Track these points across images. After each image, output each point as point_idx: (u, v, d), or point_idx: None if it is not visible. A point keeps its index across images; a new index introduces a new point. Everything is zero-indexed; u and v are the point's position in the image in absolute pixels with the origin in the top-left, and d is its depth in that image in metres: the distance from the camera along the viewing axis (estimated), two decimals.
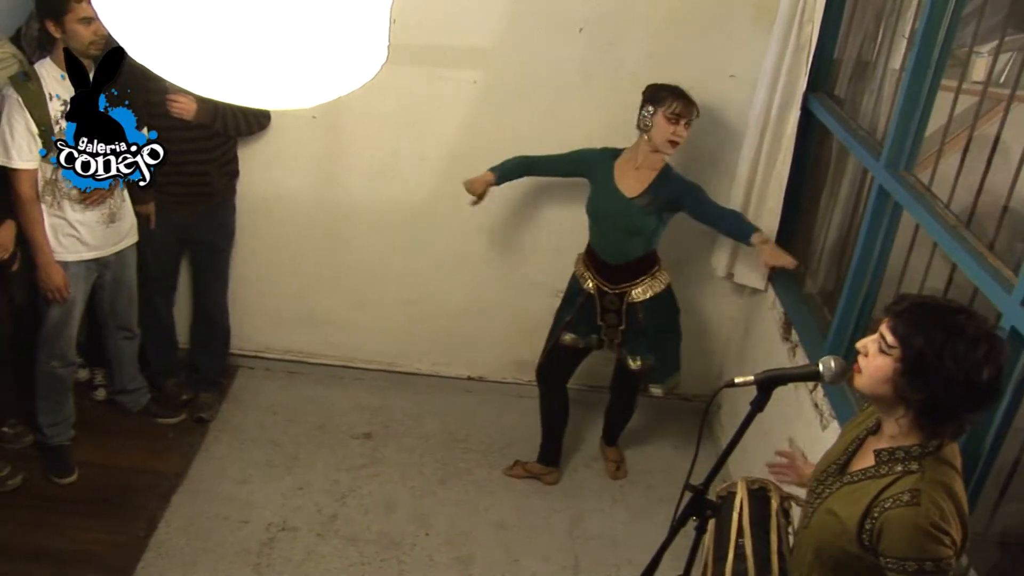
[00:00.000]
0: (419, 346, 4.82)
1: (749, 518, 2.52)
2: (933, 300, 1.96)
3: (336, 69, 1.20)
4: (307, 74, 1.17)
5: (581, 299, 3.94)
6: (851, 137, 3.44)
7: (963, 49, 3.10)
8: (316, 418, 4.58)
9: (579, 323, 3.98)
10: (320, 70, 1.18)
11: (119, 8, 1.11)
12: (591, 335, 4.00)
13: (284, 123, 4.25)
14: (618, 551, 3.93)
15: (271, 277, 4.65)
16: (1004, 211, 2.50)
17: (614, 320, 3.92)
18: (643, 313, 3.87)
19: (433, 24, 4.04)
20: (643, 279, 3.85)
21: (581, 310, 3.95)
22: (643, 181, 3.74)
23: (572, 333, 4.00)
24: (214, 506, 3.94)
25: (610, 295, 3.87)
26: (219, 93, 1.16)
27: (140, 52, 1.13)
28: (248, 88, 1.16)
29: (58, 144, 3.41)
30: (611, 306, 3.90)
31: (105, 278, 3.87)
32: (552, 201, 4.36)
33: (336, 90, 1.23)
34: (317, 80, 1.19)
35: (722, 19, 3.99)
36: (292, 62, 1.15)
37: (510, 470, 4.33)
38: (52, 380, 3.86)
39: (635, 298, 3.86)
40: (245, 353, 4.86)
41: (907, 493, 1.89)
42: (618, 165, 3.79)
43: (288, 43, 1.12)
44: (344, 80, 1.22)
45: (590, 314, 3.95)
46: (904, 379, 1.89)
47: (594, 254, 3.91)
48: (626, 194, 3.74)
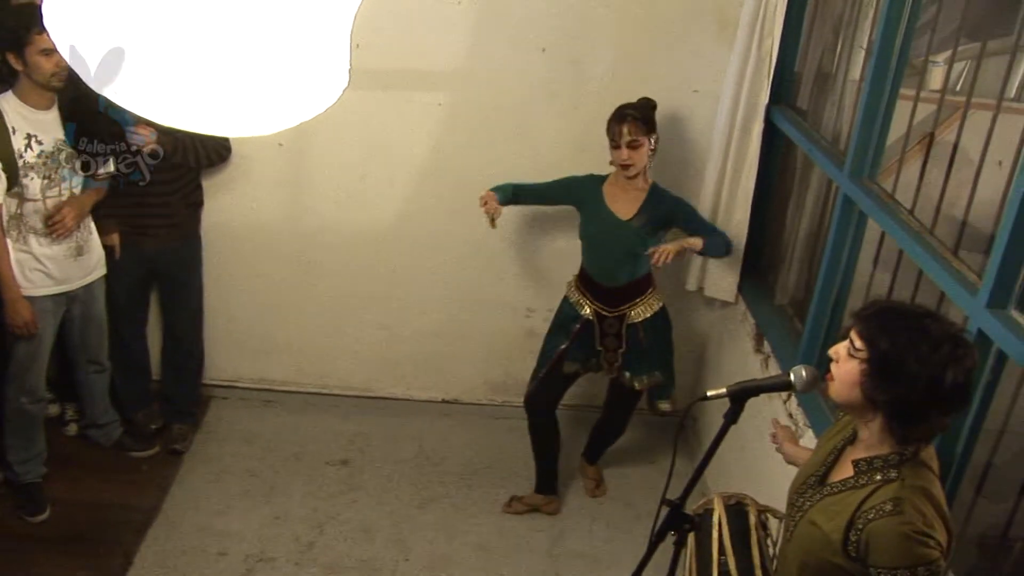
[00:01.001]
0: (393, 370, 4.81)
1: (729, 535, 2.52)
2: (900, 305, 1.99)
3: (297, 95, 1.20)
4: (268, 101, 1.17)
5: (578, 326, 3.90)
6: (814, 148, 3.48)
7: (921, 59, 3.16)
8: (292, 446, 4.55)
9: (578, 350, 3.94)
10: (281, 96, 1.18)
11: (75, 38, 1.10)
12: (590, 360, 3.98)
13: (250, 151, 4.24)
14: (599, 568, 3.93)
15: (242, 306, 4.62)
16: (966, 215, 2.53)
17: (614, 343, 3.90)
18: (643, 332, 3.86)
19: (397, 48, 4.05)
20: (641, 299, 3.85)
21: (579, 337, 3.92)
22: (635, 202, 3.74)
23: (572, 361, 3.96)
24: (191, 538, 3.90)
25: (609, 318, 3.86)
26: (180, 122, 1.16)
27: (98, 83, 1.12)
28: (209, 116, 1.16)
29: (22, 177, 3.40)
30: (610, 329, 3.88)
31: (74, 312, 3.84)
32: (522, 221, 4.37)
33: (298, 116, 1.23)
34: (279, 106, 1.19)
35: (685, 35, 4.03)
36: (252, 89, 1.15)
37: (508, 507, 4.25)
38: (22, 417, 3.80)
39: (634, 318, 3.85)
40: (218, 383, 4.82)
41: (889, 503, 1.90)
42: (607, 189, 3.79)
43: (248, 70, 1.12)
44: (306, 106, 1.22)
45: (589, 339, 3.92)
46: (871, 381, 1.91)
47: (590, 279, 3.88)
48: (621, 217, 3.74)
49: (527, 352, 4.54)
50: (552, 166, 3.97)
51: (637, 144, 3.63)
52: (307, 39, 1.16)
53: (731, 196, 4.04)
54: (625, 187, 3.75)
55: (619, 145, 3.63)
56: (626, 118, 3.62)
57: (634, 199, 3.75)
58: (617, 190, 3.77)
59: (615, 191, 3.78)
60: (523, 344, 4.60)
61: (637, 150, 3.64)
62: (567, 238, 4.15)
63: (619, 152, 3.65)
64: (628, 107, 3.67)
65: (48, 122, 3.49)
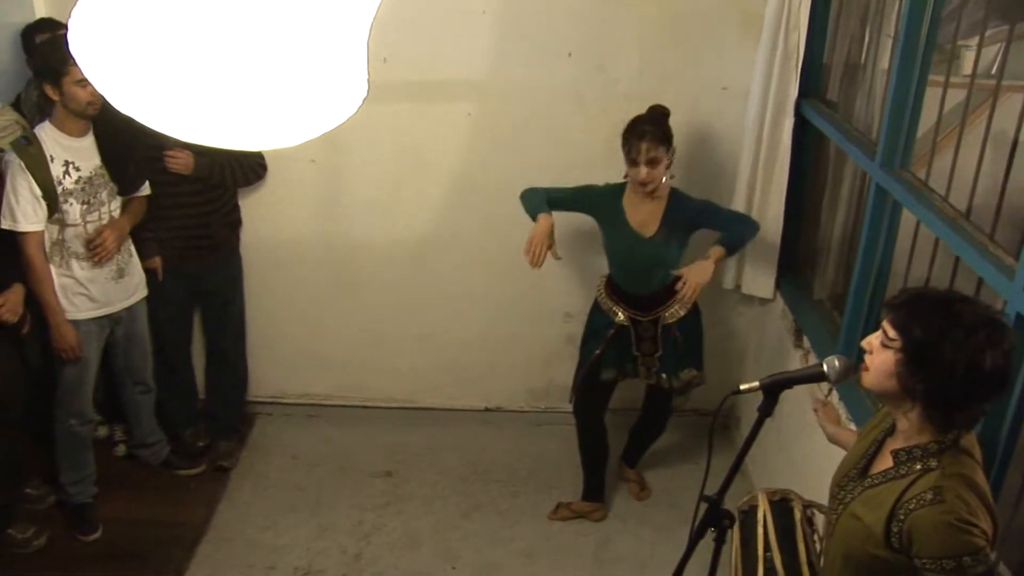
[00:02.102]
0: (434, 380, 4.83)
1: (774, 531, 2.50)
2: (932, 291, 1.96)
3: (317, 106, 1.22)
4: (289, 112, 1.19)
5: (612, 331, 3.85)
6: (846, 139, 3.45)
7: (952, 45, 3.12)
8: (336, 460, 4.59)
9: (614, 356, 3.89)
10: (301, 108, 1.20)
11: (99, 61, 1.13)
12: (626, 365, 3.93)
13: (284, 169, 4.29)
14: (647, 572, 3.91)
15: (282, 322, 4.68)
16: (1001, 199, 2.49)
17: (650, 348, 3.85)
18: (679, 332, 3.81)
19: (424, 61, 4.09)
20: (673, 298, 3.75)
21: (615, 342, 3.86)
22: (655, 215, 3.68)
23: (610, 368, 3.92)
24: (240, 554, 3.95)
25: (644, 323, 3.82)
26: (202, 138, 1.17)
27: (123, 103, 1.15)
28: (231, 131, 1.18)
29: (62, 204, 3.48)
30: (646, 334, 3.83)
31: (118, 334, 3.90)
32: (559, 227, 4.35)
33: (319, 127, 1.24)
34: (299, 118, 1.21)
35: (710, 33, 4.02)
36: (272, 101, 1.16)
37: (554, 514, 4.23)
38: (72, 439, 3.88)
39: (669, 319, 3.78)
40: (262, 400, 4.88)
41: (930, 492, 1.87)
42: (627, 202, 3.72)
43: (266, 82, 1.14)
44: (327, 116, 1.24)
45: (625, 345, 3.87)
46: (906, 370, 1.88)
47: (619, 288, 3.85)
48: (643, 234, 3.68)
49: (567, 357, 4.54)
50: (583, 171, 3.97)
51: (657, 161, 3.54)
52: (324, 49, 1.17)
53: (764, 192, 4.01)
54: (645, 199, 3.67)
55: (637, 163, 3.55)
56: (645, 135, 3.51)
57: (655, 211, 3.68)
58: (637, 202, 3.70)
59: (635, 204, 3.70)
60: (562, 350, 4.60)
61: (656, 167, 3.55)
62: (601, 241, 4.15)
63: (638, 170, 3.55)
64: (643, 121, 3.57)
65: (85, 149, 3.57)
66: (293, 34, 1.13)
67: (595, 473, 4.21)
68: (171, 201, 3.97)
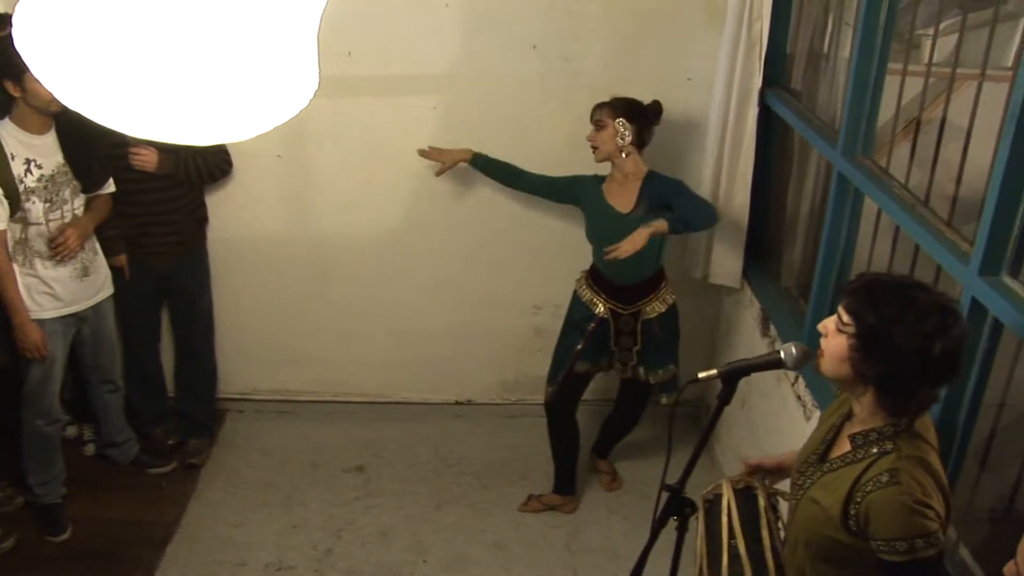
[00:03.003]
0: (406, 375, 4.83)
1: (739, 518, 2.52)
2: (887, 277, 1.98)
3: (268, 99, 1.21)
4: (239, 107, 1.19)
5: (593, 325, 3.86)
6: (809, 128, 3.47)
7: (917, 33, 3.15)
8: (308, 455, 4.58)
9: (592, 349, 3.92)
10: (252, 102, 1.19)
11: (45, 56, 1.12)
12: (602, 360, 3.96)
13: (250, 164, 4.26)
14: (618, 562, 3.92)
15: (252, 318, 4.66)
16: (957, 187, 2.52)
17: (628, 342, 3.88)
18: (658, 327, 3.84)
19: (388, 54, 4.07)
20: (655, 294, 3.82)
21: (594, 336, 3.88)
22: (631, 193, 3.73)
23: (586, 361, 3.94)
24: (210, 551, 3.93)
25: (624, 316, 3.84)
26: (152, 133, 1.17)
27: (72, 99, 1.14)
28: (181, 126, 1.17)
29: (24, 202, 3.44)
30: (625, 327, 3.86)
31: (84, 333, 3.88)
32: (523, 218, 4.37)
33: (271, 120, 1.24)
34: (250, 112, 1.21)
35: (674, 24, 4.03)
36: (222, 96, 1.16)
37: (525, 505, 4.26)
38: (39, 439, 3.85)
39: (649, 314, 3.82)
40: (233, 396, 4.85)
41: (886, 474, 1.89)
42: (606, 186, 3.80)
43: (216, 78, 1.14)
44: (278, 110, 1.23)
45: (604, 338, 3.90)
46: (859, 355, 1.91)
47: (602, 277, 3.86)
48: (621, 211, 3.74)
49: (536, 350, 4.57)
50: (548, 162, 3.99)
51: (601, 125, 3.68)
52: (273, 43, 1.17)
53: (730, 181, 4.03)
54: (621, 180, 3.75)
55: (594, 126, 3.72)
56: (602, 103, 3.70)
57: (631, 191, 3.74)
58: (615, 184, 3.78)
59: (613, 186, 3.78)
60: (532, 342, 4.62)
61: (600, 132, 3.68)
62: (568, 233, 4.16)
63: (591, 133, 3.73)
64: (615, 97, 3.72)
65: (47, 146, 3.53)
66: (241, 27, 1.13)
67: (566, 466, 4.22)
68: (137, 198, 3.95)
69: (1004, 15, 2.89)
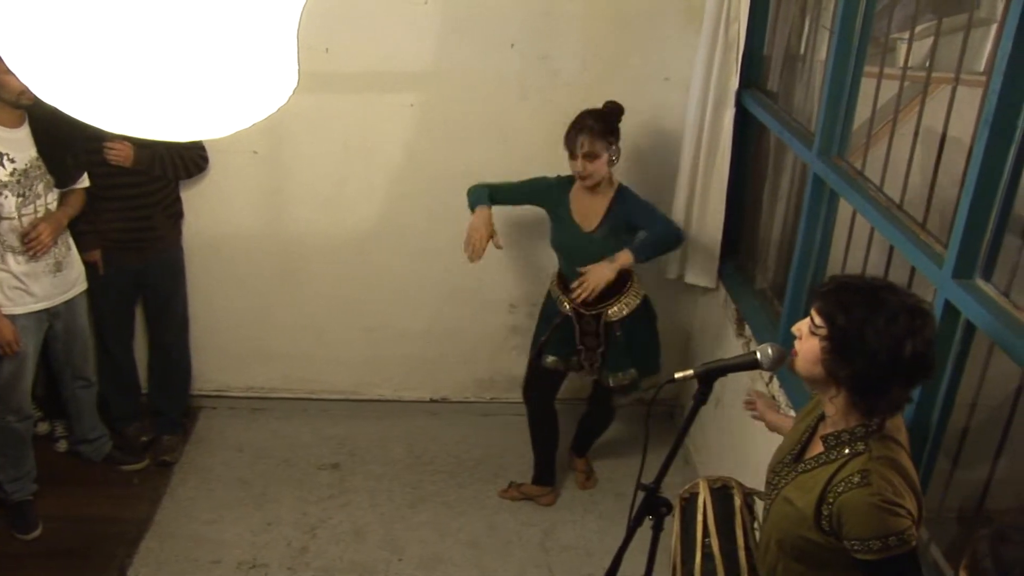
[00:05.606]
0: (380, 372, 4.82)
1: (714, 517, 2.53)
2: (858, 279, 1.99)
3: (246, 96, 1.21)
4: (217, 103, 1.18)
5: (559, 319, 3.89)
6: (785, 129, 3.49)
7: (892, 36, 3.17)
8: (282, 452, 4.56)
9: (558, 344, 3.93)
10: (230, 98, 1.19)
11: (20, 48, 1.11)
12: (571, 358, 3.97)
13: (226, 161, 4.24)
14: (592, 560, 3.94)
15: (226, 315, 4.63)
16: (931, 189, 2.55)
17: (593, 343, 3.89)
18: (620, 331, 3.84)
19: (366, 51, 4.06)
20: (617, 298, 3.80)
21: (559, 330, 3.91)
22: (599, 211, 3.71)
23: (553, 355, 3.96)
24: (184, 549, 3.91)
25: (587, 317, 3.84)
26: (129, 128, 1.16)
27: (47, 92, 1.13)
28: (158, 121, 1.17)
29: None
30: (588, 328, 3.86)
31: (57, 328, 3.84)
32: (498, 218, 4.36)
33: (249, 117, 1.23)
34: (228, 108, 1.20)
35: (653, 24, 4.04)
36: (200, 92, 1.15)
37: (505, 492, 4.29)
38: (10, 435, 3.81)
39: (611, 317, 3.82)
40: (206, 393, 4.83)
41: (857, 475, 1.91)
42: (573, 196, 3.75)
43: (194, 73, 1.13)
44: (257, 107, 1.23)
45: (569, 335, 3.90)
46: (831, 357, 1.92)
47: (566, 280, 3.87)
48: (583, 228, 3.72)
49: (511, 348, 4.58)
50: (526, 161, 3.98)
51: (594, 155, 3.58)
52: (252, 39, 1.16)
53: (706, 182, 4.05)
54: (590, 193, 3.72)
55: (576, 156, 3.59)
56: (584, 129, 3.56)
57: (599, 206, 3.71)
58: (583, 195, 3.74)
59: (580, 197, 3.74)
60: (507, 340, 4.62)
61: (594, 162, 3.59)
62: (543, 232, 4.16)
63: (575, 163, 3.61)
64: (589, 115, 3.61)
65: (20, 140, 3.50)
66: (221, 22, 1.12)
67: (544, 457, 4.24)
68: (111, 193, 3.91)
69: (977, 20, 2.92)
